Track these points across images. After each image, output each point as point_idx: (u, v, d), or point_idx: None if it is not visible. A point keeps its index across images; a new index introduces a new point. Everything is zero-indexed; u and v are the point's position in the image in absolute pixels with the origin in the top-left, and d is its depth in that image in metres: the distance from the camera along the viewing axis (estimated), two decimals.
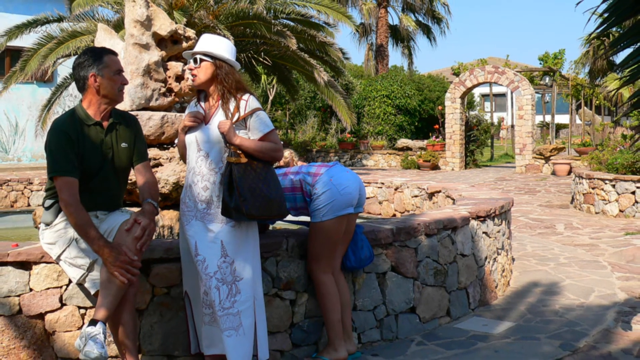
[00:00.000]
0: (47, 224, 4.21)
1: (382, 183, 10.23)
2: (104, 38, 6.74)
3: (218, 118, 4.25)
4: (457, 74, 29.59)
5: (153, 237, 4.22)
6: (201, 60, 4.27)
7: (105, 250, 3.91)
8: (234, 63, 4.35)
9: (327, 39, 17.54)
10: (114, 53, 4.32)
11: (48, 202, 4.20)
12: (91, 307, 4.39)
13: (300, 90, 25.82)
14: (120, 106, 4.59)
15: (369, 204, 10.22)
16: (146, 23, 6.49)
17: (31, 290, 4.38)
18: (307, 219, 4.77)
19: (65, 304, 4.42)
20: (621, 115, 28.71)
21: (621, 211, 11.90)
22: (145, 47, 6.47)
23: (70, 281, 4.38)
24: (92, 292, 4.17)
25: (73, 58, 13.92)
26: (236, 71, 4.36)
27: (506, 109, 45.92)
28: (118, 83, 4.23)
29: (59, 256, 4.19)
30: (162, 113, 6.40)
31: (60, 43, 15.75)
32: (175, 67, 6.80)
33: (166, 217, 6.34)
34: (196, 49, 4.32)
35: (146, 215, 4.12)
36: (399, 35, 38.73)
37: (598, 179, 12.39)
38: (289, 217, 4.75)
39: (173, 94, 6.73)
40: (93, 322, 3.85)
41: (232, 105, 4.26)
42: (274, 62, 17.95)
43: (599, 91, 28.96)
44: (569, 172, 20.94)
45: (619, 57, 35.03)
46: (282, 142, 4.60)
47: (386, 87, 30.13)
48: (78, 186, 4.01)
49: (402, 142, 27.08)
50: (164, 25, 6.66)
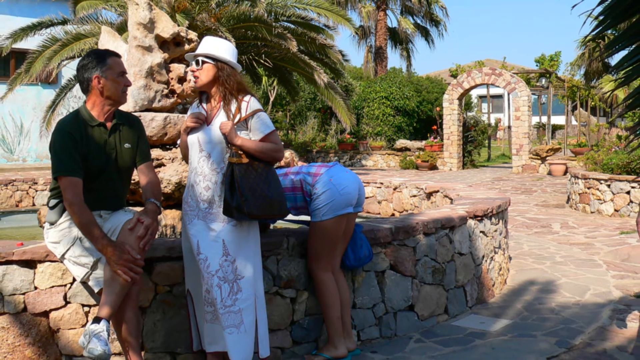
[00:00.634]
0: (52, 223, 4.21)
1: (381, 183, 10.22)
2: (108, 40, 6.73)
3: (220, 119, 4.25)
4: (455, 76, 29.60)
5: (156, 236, 4.22)
6: (203, 62, 4.27)
7: (108, 249, 3.91)
8: (236, 65, 4.35)
9: (327, 42, 17.54)
10: (118, 55, 4.32)
11: (52, 202, 4.20)
12: (95, 305, 4.39)
13: (300, 91, 25.82)
14: (123, 107, 4.59)
15: (368, 204, 10.21)
16: (149, 26, 6.48)
17: (36, 288, 4.38)
18: (308, 219, 4.77)
19: (69, 302, 4.42)
20: (616, 116, 28.71)
21: (616, 210, 11.90)
22: (148, 50, 6.47)
23: (74, 279, 4.38)
24: (96, 290, 4.17)
25: (77, 60, 13.92)
26: (237, 73, 4.36)
27: (503, 110, 45.89)
28: (121, 85, 4.23)
29: (63, 255, 4.19)
30: (165, 114, 6.39)
31: (64, 45, 15.76)
32: (177, 69, 6.79)
33: (169, 217, 6.34)
34: (198, 51, 4.32)
35: (149, 214, 4.12)
36: (398, 37, 38.74)
37: (593, 179, 12.39)
38: (290, 217, 4.74)
39: (175, 96, 6.73)
40: (97, 320, 3.85)
41: (234, 106, 4.26)
42: (275, 64, 17.96)
43: (595, 93, 28.95)
44: (565, 172, 20.93)
45: (614, 59, 35.04)
46: (283, 143, 4.60)
47: (385, 89, 30.13)
48: (82, 186, 4.01)
49: (401, 143, 27.09)
50: (167, 27, 6.66)
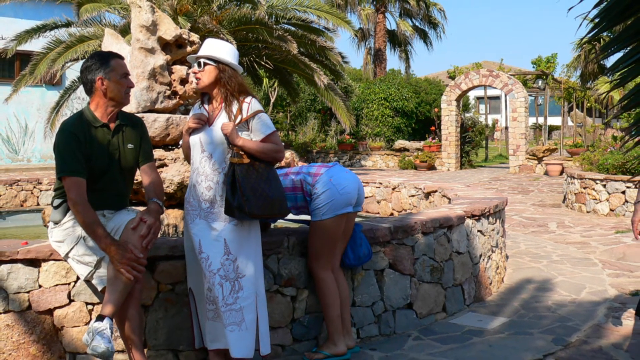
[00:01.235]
0: (56, 223, 4.21)
1: (380, 183, 10.22)
2: (111, 42, 6.73)
3: (221, 120, 4.25)
4: (453, 77, 29.61)
5: (158, 235, 4.22)
6: (205, 64, 4.27)
7: (112, 248, 3.91)
8: (237, 67, 4.35)
9: (327, 44, 17.54)
10: (121, 57, 4.32)
11: (57, 202, 4.20)
12: (98, 303, 4.39)
13: (300, 93, 25.82)
14: (126, 108, 4.60)
15: (368, 203, 10.21)
16: (152, 28, 6.49)
17: (40, 286, 4.38)
18: (308, 218, 4.77)
19: (73, 300, 4.42)
20: (612, 117, 28.71)
21: (612, 210, 11.90)
22: (150, 52, 6.47)
23: (78, 278, 4.38)
24: (99, 289, 4.17)
25: (81, 62, 13.93)
26: (239, 74, 4.36)
27: (500, 111, 45.92)
28: (124, 86, 4.23)
29: (67, 254, 4.19)
30: (167, 115, 6.39)
31: (68, 47, 15.77)
32: (179, 71, 6.79)
33: (171, 216, 6.34)
34: (200, 53, 4.32)
35: (152, 214, 4.12)
36: (397, 39, 38.75)
37: (589, 179, 12.39)
38: (290, 216, 4.75)
39: (178, 97, 6.73)
40: (100, 318, 3.85)
41: (235, 107, 4.26)
42: (276, 66, 17.96)
43: (590, 94, 28.94)
44: (561, 173, 20.94)
45: (610, 61, 35.07)
46: (283, 143, 4.60)
47: (384, 90, 30.13)
48: (86, 186, 4.01)
49: (400, 144, 27.09)
50: (169, 30, 6.66)
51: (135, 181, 4.75)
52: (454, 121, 24.59)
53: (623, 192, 11.80)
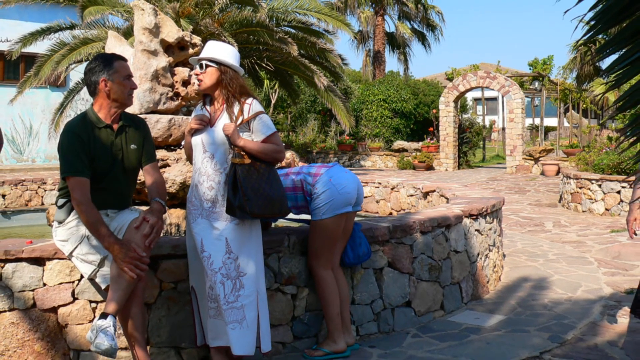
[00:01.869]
0: (60, 222, 4.21)
1: (379, 183, 10.22)
2: (114, 45, 6.73)
3: (223, 121, 4.26)
4: (451, 79, 29.59)
5: (161, 235, 4.22)
6: (207, 65, 4.27)
7: (115, 246, 3.91)
8: (238, 68, 4.35)
9: (327, 46, 17.53)
10: (124, 59, 4.32)
11: (61, 201, 4.20)
12: (102, 301, 4.39)
13: (301, 94, 25.82)
14: (129, 109, 4.58)
15: (367, 203, 10.21)
16: (154, 30, 6.48)
17: (45, 285, 4.38)
18: (308, 217, 4.77)
19: (77, 298, 4.42)
20: (607, 118, 28.72)
21: (607, 210, 11.90)
22: (153, 54, 6.47)
23: (81, 276, 4.38)
24: (103, 287, 4.17)
25: (85, 64, 13.91)
26: (240, 76, 4.36)
27: (497, 112, 45.87)
28: (127, 87, 4.23)
29: (71, 252, 4.19)
30: (170, 116, 6.39)
31: (72, 49, 15.76)
32: (182, 73, 6.79)
33: (173, 215, 6.34)
34: (202, 55, 4.32)
35: (154, 213, 4.12)
36: (395, 42, 38.73)
37: (585, 179, 12.38)
38: (291, 216, 4.75)
39: (180, 98, 6.72)
40: (104, 316, 3.85)
41: (236, 108, 4.26)
42: (276, 68, 17.95)
43: (586, 95, 28.95)
44: (557, 173, 20.93)
45: (605, 63, 35.06)
46: (284, 144, 4.60)
47: (383, 92, 30.12)
48: (89, 186, 4.01)
49: (398, 144, 27.09)
50: (172, 32, 6.65)
51: (138, 181, 4.75)
52: (452, 122, 24.59)
53: (618, 192, 11.80)
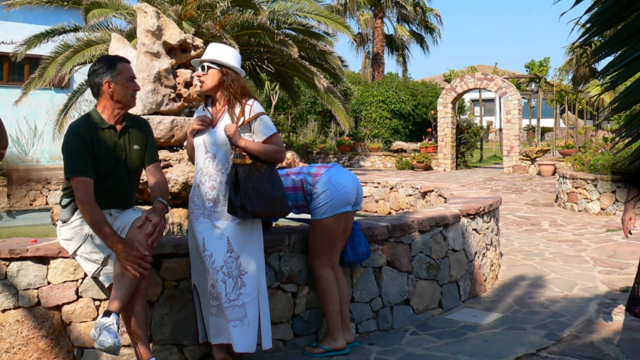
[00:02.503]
0: (64, 221, 4.21)
1: (378, 183, 10.22)
2: (118, 47, 6.73)
3: (224, 122, 4.26)
4: (449, 81, 29.57)
5: (163, 234, 4.22)
6: (208, 67, 4.27)
7: (118, 245, 3.91)
8: (239, 70, 4.35)
9: (327, 48, 17.53)
10: (127, 61, 4.32)
11: (65, 201, 4.20)
12: (105, 300, 4.39)
13: (301, 95, 25.81)
14: (132, 111, 4.59)
15: (366, 203, 10.21)
16: (157, 33, 6.48)
17: (49, 283, 4.37)
18: (308, 217, 4.77)
19: (81, 297, 4.42)
20: (602, 119, 28.69)
21: (602, 209, 11.89)
22: (156, 56, 6.47)
23: (85, 275, 4.38)
24: (106, 285, 4.17)
25: (88, 66, 13.91)
26: (241, 78, 4.36)
27: (494, 114, 45.86)
28: (130, 89, 4.23)
29: (75, 251, 4.19)
30: (172, 117, 6.39)
31: (76, 51, 15.75)
32: (184, 74, 6.79)
33: (175, 215, 6.34)
34: (204, 57, 4.32)
35: (157, 213, 4.12)
36: (394, 44, 38.74)
37: (581, 179, 12.38)
38: (291, 215, 4.75)
39: (182, 99, 6.72)
40: (107, 313, 3.85)
41: (238, 109, 4.26)
42: (277, 70, 17.95)
43: (582, 97, 28.92)
44: (554, 173, 20.93)
45: (600, 65, 35.04)
46: (285, 145, 4.60)
47: (382, 93, 30.12)
48: (93, 185, 4.01)
49: (397, 145, 27.10)
50: (174, 34, 6.65)
51: (140, 181, 4.75)
52: (450, 123, 24.58)
53: (613, 192, 11.80)
